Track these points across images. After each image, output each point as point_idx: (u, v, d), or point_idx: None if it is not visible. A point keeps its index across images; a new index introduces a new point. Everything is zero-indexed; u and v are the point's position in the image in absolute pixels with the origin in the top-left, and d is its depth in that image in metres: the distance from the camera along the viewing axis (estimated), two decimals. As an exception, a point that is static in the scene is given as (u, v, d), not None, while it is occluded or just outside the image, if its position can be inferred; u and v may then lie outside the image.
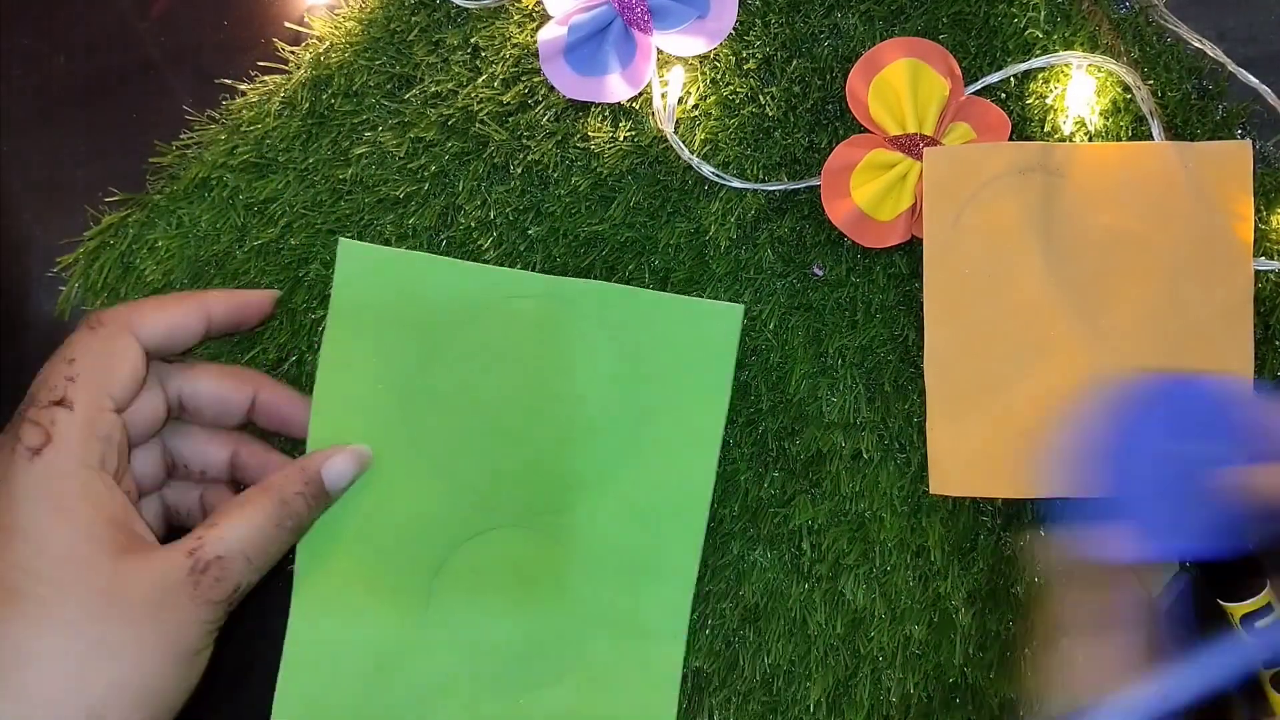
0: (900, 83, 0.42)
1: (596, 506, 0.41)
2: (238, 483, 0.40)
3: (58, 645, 0.31)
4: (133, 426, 0.36)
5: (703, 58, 0.43)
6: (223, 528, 0.34)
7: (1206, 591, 0.44)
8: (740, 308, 0.41)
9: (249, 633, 0.39)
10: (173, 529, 0.40)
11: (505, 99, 0.43)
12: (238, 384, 0.39)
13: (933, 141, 0.42)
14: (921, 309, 0.44)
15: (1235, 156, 0.42)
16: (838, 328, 0.43)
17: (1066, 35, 0.44)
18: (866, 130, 0.42)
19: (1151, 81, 0.44)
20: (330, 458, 0.38)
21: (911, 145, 0.42)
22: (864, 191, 0.42)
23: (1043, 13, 0.43)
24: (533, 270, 0.43)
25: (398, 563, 0.41)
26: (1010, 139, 0.42)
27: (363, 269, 0.41)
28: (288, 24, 0.45)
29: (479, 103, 0.43)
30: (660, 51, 0.43)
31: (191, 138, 0.44)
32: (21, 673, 0.31)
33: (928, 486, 0.43)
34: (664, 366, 0.41)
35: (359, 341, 0.41)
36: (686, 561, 0.41)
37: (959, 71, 0.42)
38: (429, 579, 0.41)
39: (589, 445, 0.41)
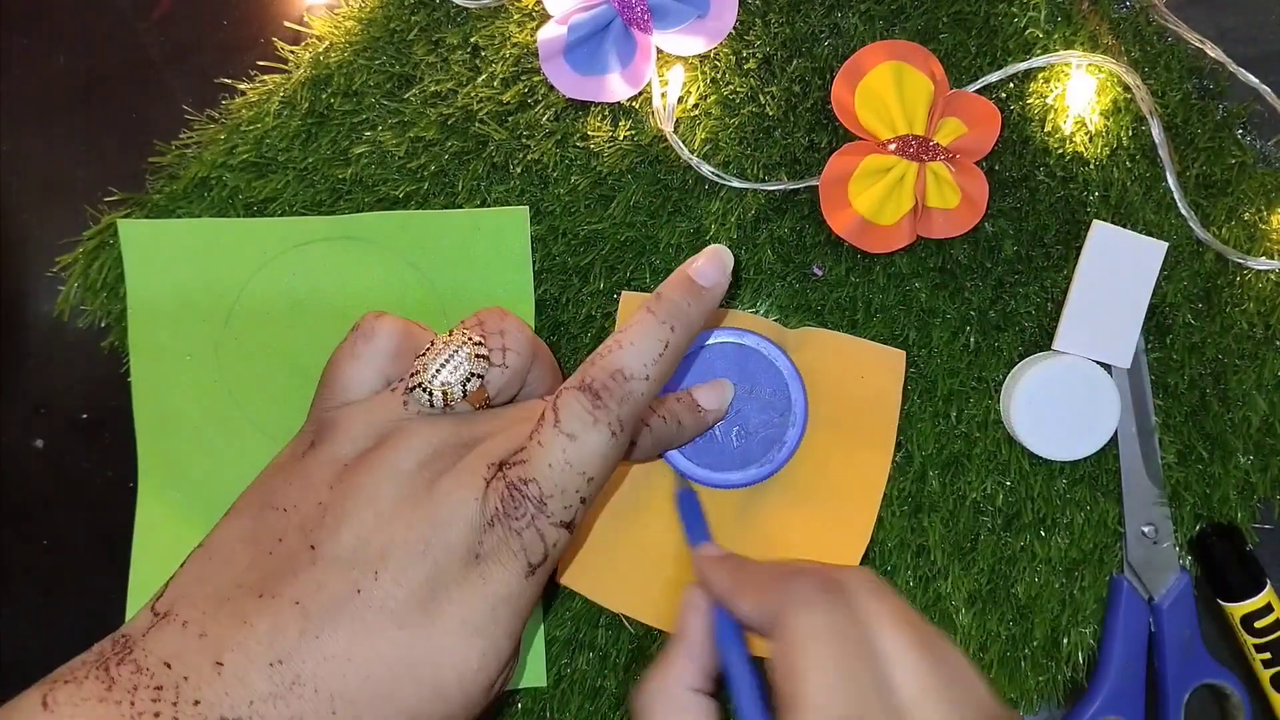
0: (885, 87, 0.42)
1: None
2: None
3: None
4: None
5: (703, 57, 0.43)
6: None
7: (1207, 592, 0.44)
8: (524, 209, 0.42)
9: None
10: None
11: (505, 98, 0.43)
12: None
13: (925, 140, 0.42)
14: (922, 309, 0.44)
15: (891, 362, 0.43)
16: (837, 327, 0.43)
17: (1067, 35, 0.44)
18: (858, 138, 0.42)
19: (1151, 81, 0.44)
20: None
21: (905, 147, 0.42)
22: (864, 199, 0.42)
23: (1043, 12, 0.43)
24: (534, 271, 0.43)
25: None
26: (1001, 130, 0.42)
27: (150, 247, 0.42)
28: (287, 23, 0.44)
29: (479, 102, 0.43)
30: (660, 51, 0.43)
31: (191, 137, 0.44)
32: None
33: (927, 486, 0.43)
34: (464, 281, 0.42)
35: (162, 320, 0.42)
36: None
37: (940, 68, 0.42)
38: None
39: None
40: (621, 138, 0.43)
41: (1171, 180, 0.44)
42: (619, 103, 0.43)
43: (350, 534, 0.31)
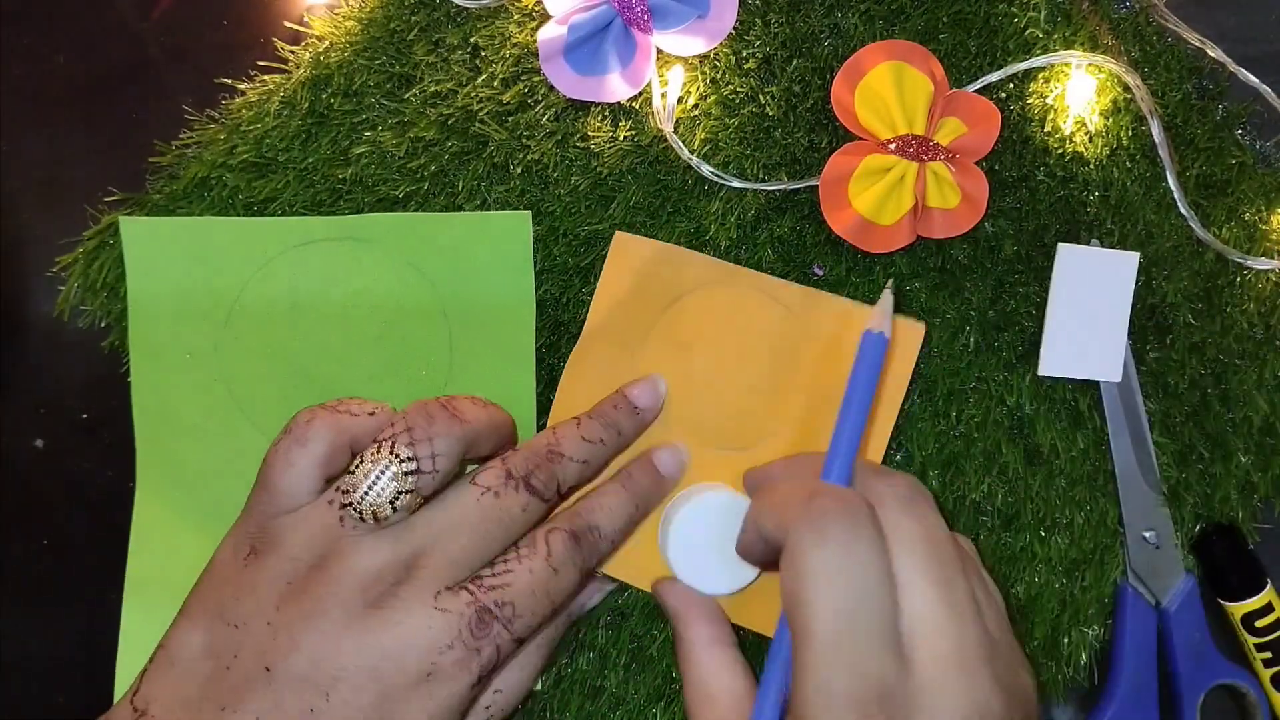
0: (885, 86, 0.42)
1: None
2: None
3: None
4: None
5: (703, 57, 0.43)
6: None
7: (1209, 592, 0.44)
8: (527, 214, 0.42)
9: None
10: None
11: (505, 98, 0.43)
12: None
13: (925, 140, 0.42)
14: (923, 309, 0.44)
15: (909, 336, 0.42)
16: (838, 327, 0.43)
17: (1067, 35, 0.44)
18: (858, 138, 0.42)
19: (1151, 81, 0.44)
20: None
21: (905, 147, 0.42)
22: (864, 199, 0.42)
23: (1043, 12, 0.44)
24: (534, 272, 0.43)
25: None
26: (1001, 130, 0.42)
27: (151, 245, 0.42)
28: (287, 23, 0.45)
29: (479, 102, 0.43)
30: (660, 51, 0.43)
31: (191, 137, 0.44)
32: None
33: (927, 485, 0.43)
34: (466, 284, 0.42)
35: (162, 318, 0.42)
36: None
37: (940, 68, 0.42)
38: None
39: (405, 377, 0.42)
40: (621, 138, 0.43)
41: (1171, 180, 0.44)
42: (619, 103, 0.43)
43: (302, 657, 0.33)
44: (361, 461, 0.35)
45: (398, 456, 0.35)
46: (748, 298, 0.42)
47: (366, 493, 0.34)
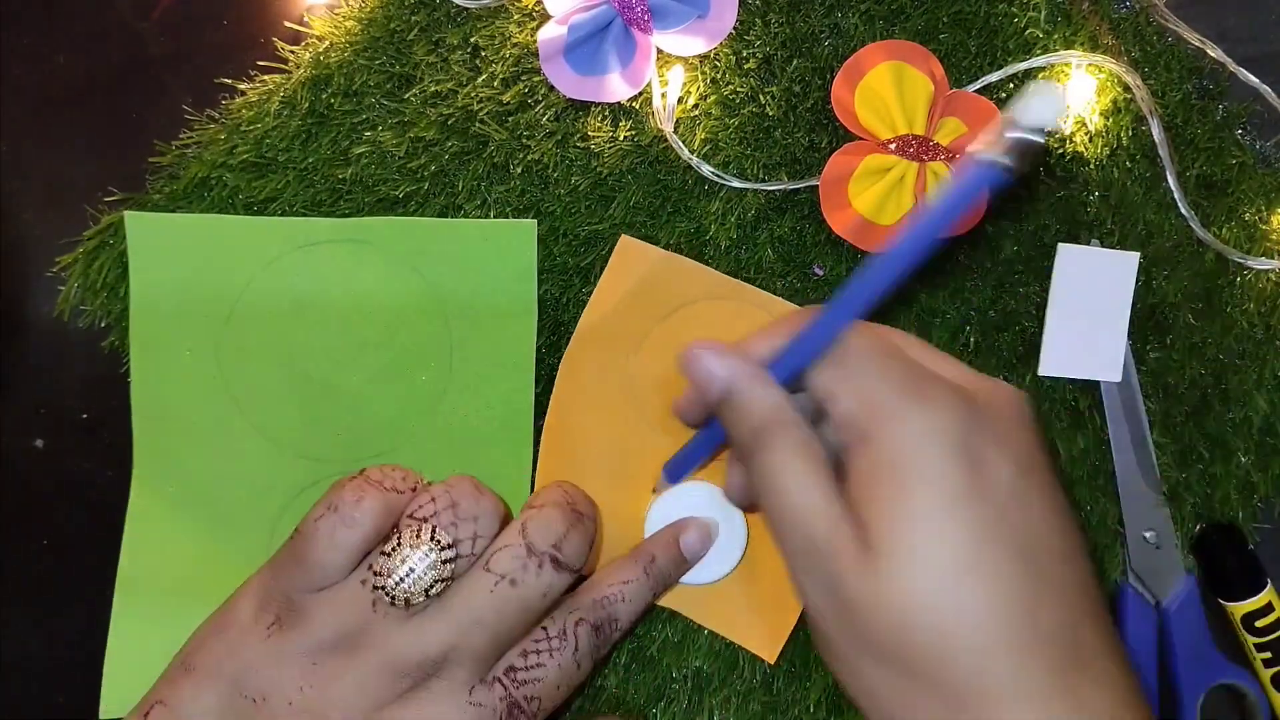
0: (885, 86, 0.42)
1: (421, 442, 0.42)
2: None
3: None
4: None
5: (703, 57, 0.43)
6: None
7: (1211, 593, 0.44)
8: (533, 223, 0.42)
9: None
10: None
11: (505, 98, 0.43)
12: None
13: (925, 140, 0.42)
14: (923, 309, 0.44)
15: None
16: (838, 327, 0.43)
17: (1067, 35, 0.44)
18: (858, 138, 0.42)
19: (1152, 81, 0.44)
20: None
21: (905, 147, 0.42)
22: (864, 199, 0.42)
23: (1043, 12, 0.44)
24: (536, 271, 0.43)
25: (231, 528, 0.42)
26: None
27: (155, 241, 0.42)
28: (287, 23, 0.44)
29: (479, 102, 0.43)
30: (660, 51, 0.43)
31: (191, 137, 0.44)
32: None
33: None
34: (469, 291, 0.42)
35: (164, 315, 0.42)
36: (518, 481, 0.42)
37: (940, 68, 0.42)
38: (266, 540, 0.42)
39: (405, 381, 0.42)
40: (621, 138, 0.43)
41: (1172, 180, 0.44)
42: (619, 103, 0.43)
43: None
44: (399, 545, 0.34)
45: (438, 543, 0.34)
46: (749, 315, 0.42)
47: (401, 580, 0.33)
